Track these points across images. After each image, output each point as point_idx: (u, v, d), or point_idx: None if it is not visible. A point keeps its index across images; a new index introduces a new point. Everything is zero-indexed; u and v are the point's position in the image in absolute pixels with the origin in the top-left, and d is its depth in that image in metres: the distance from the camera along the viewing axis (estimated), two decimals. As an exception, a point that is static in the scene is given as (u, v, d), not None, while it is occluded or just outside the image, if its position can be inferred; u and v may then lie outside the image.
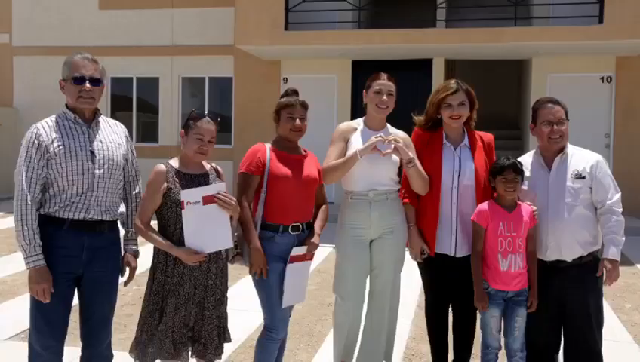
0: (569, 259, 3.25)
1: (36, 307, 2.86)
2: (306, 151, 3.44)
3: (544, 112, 3.32)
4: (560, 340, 3.39)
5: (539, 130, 3.34)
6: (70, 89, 2.87)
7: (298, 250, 3.26)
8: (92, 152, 2.89)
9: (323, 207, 3.47)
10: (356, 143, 3.45)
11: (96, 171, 2.89)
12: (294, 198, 3.28)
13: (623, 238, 3.23)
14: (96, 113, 2.99)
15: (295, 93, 3.38)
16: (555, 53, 10.29)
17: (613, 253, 3.21)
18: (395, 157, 3.43)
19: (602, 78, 10.60)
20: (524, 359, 3.30)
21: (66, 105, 2.95)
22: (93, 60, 2.92)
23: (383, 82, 3.46)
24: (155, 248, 3.06)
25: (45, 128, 2.84)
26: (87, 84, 2.86)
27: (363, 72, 10.96)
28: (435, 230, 3.43)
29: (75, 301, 2.99)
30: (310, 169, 3.36)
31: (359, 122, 3.58)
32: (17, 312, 5.09)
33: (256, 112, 11.51)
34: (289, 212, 3.27)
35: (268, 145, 3.32)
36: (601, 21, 9.07)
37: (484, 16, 9.98)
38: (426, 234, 3.47)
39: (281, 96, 3.39)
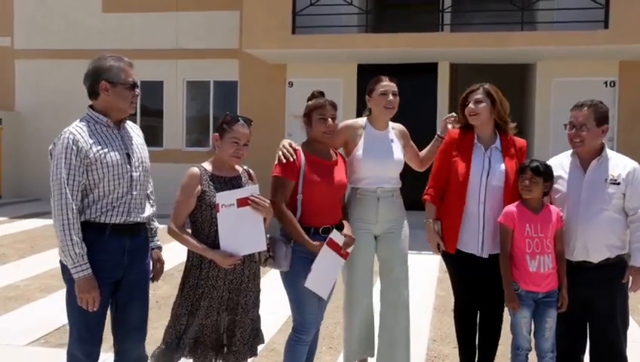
0: (595, 260, 3.28)
1: (79, 315, 2.82)
2: (336, 154, 3.49)
3: (571, 115, 3.35)
4: (586, 340, 3.41)
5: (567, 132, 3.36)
6: (124, 94, 2.87)
7: (336, 237, 3.27)
8: (128, 155, 2.89)
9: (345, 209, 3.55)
10: (363, 145, 3.57)
11: (134, 173, 2.90)
12: (326, 203, 3.33)
13: None
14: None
15: (322, 94, 3.41)
16: (560, 58, 10.36)
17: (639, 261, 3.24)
18: (402, 158, 3.62)
19: (606, 83, 10.67)
20: (555, 359, 3.32)
21: (92, 108, 2.90)
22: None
23: (387, 83, 3.56)
24: (188, 252, 3.06)
25: (81, 133, 2.79)
26: (137, 90, 2.94)
27: (368, 75, 10.93)
28: (458, 227, 3.47)
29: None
30: (340, 175, 3.42)
31: (364, 122, 3.67)
32: (33, 318, 5.07)
33: (261, 116, 11.46)
34: (321, 215, 3.32)
35: (299, 148, 3.34)
36: (606, 26, 9.14)
37: (489, 20, 10.03)
38: (450, 231, 3.51)
39: (308, 100, 3.41)
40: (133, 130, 3.07)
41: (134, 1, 12.17)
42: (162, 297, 5.45)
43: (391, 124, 3.69)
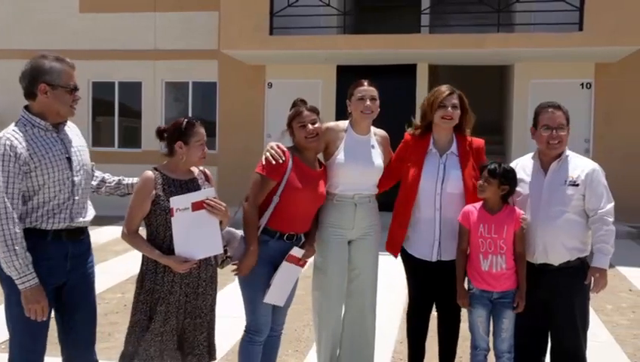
0: (555, 263, 3.29)
1: (22, 323, 2.75)
2: (321, 165, 3.49)
3: (544, 117, 3.35)
4: (547, 342, 3.44)
5: (538, 134, 3.36)
6: (64, 98, 2.79)
7: (297, 252, 3.29)
8: (69, 159, 2.82)
9: (316, 216, 3.52)
10: (343, 149, 3.51)
11: (76, 178, 2.84)
12: (301, 212, 3.34)
13: (613, 248, 3.26)
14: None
15: (303, 102, 3.41)
16: (537, 60, 10.43)
17: (601, 262, 3.25)
18: (381, 165, 3.56)
19: (582, 84, 10.77)
20: (512, 360, 3.34)
21: (28, 110, 2.80)
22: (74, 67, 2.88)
23: (365, 88, 3.51)
24: (143, 256, 3.02)
25: (18, 138, 2.68)
26: (78, 94, 2.86)
27: (348, 77, 10.97)
28: (403, 233, 3.54)
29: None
30: (323, 187, 3.43)
31: (346, 125, 3.63)
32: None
33: (240, 117, 11.47)
34: (292, 222, 3.33)
35: (287, 150, 3.33)
36: (581, 28, 9.23)
37: (468, 22, 10.09)
38: (396, 237, 3.58)
39: (290, 108, 3.42)
40: (73, 130, 2.99)
41: (112, 1, 12.06)
42: (131, 301, 5.40)
43: (373, 129, 3.65)
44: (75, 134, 2.98)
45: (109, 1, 12.08)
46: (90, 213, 3.00)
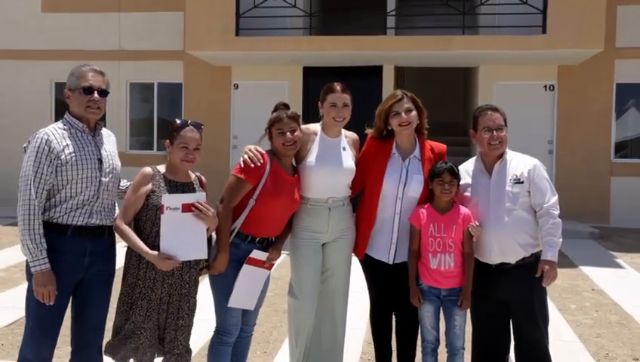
0: (512, 261, 3.36)
1: (34, 314, 2.90)
2: (296, 171, 3.46)
3: (484, 119, 3.41)
4: (510, 340, 3.50)
5: (479, 136, 3.43)
6: (79, 98, 2.99)
7: (258, 254, 3.28)
8: (100, 161, 3.01)
9: (289, 220, 3.50)
10: (314, 152, 3.50)
11: (104, 179, 3.01)
12: (275, 217, 3.33)
13: (560, 240, 3.35)
14: (98, 123, 3.09)
15: (285, 106, 3.39)
16: (501, 62, 10.58)
17: (550, 254, 3.33)
18: (353, 166, 3.54)
19: (545, 87, 10.96)
20: (463, 355, 3.42)
21: (70, 113, 3.03)
22: (100, 73, 3.08)
23: (338, 95, 3.48)
24: (127, 251, 3.09)
25: (55, 135, 2.91)
26: (96, 95, 2.99)
27: (314, 78, 10.97)
28: (368, 235, 3.54)
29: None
30: (298, 193, 3.42)
31: (317, 129, 3.60)
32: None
33: (206, 119, 11.28)
34: (265, 227, 3.32)
35: (265, 153, 3.31)
36: (544, 31, 9.40)
37: (433, 24, 10.18)
38: (360, 238, 3.59)
39: (272, 112, 3.40)
40: (107, 138, 3.16)
41: (75, 1, 11.82)
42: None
43: (344, 131, 3.64)
44: (109, 141, 3.16)
45: (72, 0, 11.83)
46: (114, 214, 3.13)
